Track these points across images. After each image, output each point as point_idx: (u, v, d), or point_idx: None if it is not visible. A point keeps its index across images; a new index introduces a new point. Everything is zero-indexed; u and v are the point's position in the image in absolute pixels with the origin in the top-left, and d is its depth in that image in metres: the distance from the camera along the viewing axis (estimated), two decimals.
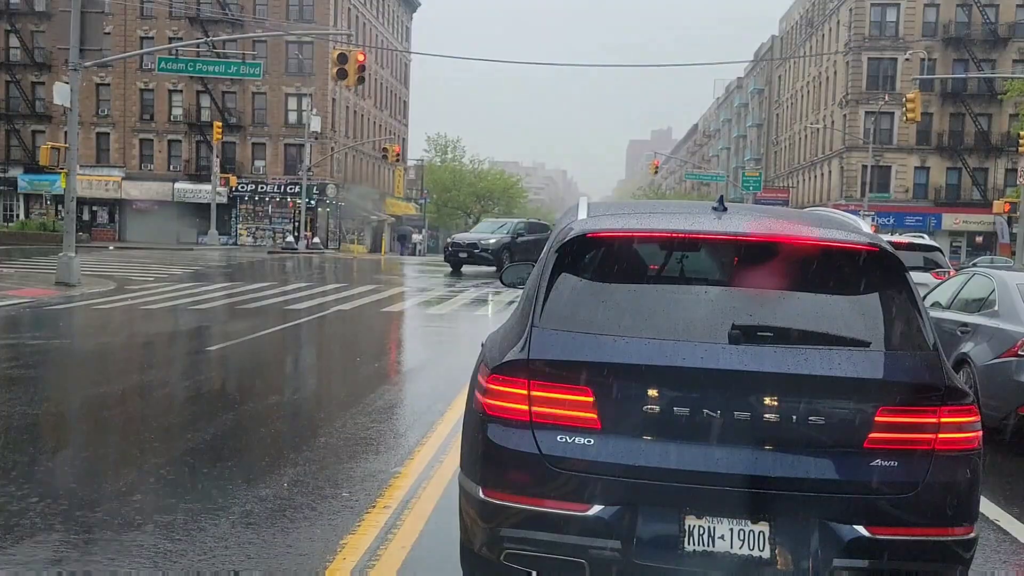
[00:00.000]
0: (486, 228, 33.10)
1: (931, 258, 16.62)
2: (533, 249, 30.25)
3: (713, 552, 3.22)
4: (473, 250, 30.18)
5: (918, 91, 37.55)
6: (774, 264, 3.56)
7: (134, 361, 11.98)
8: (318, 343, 14.80)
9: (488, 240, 30.32)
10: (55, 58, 53.06)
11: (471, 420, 3.63)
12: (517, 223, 33.13)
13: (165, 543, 4.78)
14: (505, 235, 30.81)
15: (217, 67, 34.72)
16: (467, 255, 30.25)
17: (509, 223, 33.30)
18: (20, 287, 20.38)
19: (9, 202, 62.02)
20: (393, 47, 74.05)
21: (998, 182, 57.78)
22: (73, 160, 22.47)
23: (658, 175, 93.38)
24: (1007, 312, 8.23)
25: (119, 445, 7.01)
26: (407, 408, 9.04)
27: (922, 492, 3.24)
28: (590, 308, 3.51)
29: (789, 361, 3.26)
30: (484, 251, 30.02)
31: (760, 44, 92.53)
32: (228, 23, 58.20)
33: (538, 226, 33.58)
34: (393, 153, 57.44)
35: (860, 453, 3.25)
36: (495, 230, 31.98)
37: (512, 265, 6.34)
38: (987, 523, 5.55)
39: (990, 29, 57.51)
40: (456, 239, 32.04)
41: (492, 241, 30.15)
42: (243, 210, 59.89)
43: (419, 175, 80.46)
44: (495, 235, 30.94)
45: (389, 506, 5.53)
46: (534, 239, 30.76)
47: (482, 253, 30.01)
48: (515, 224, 32.69)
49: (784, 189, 72.27)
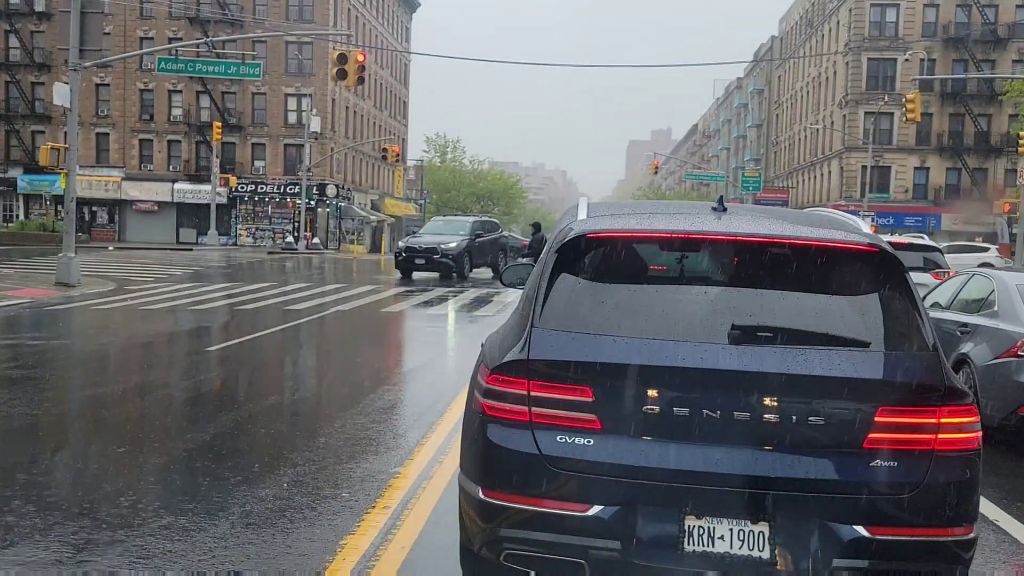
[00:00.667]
0: (442, 229, 28.71)
1: (931, 258, 16.62)
2: (488, 251, 28.66)
3: (713, 552, 3.22)
4: (432, 255, 26.30)
5: (918, 91, 37.54)
6: (774, 264, 3.56)
7: (134, 361, 11.98)
8: (318, 343, 14.80)
9: (449, 244, 26.61)
10: (55, 58, 53.14)
11: (471, 420, 3.63)
12: (475, 222, 29.58)
13: (165, 543, 4.78)
14: (465, 237, 27.46)
15: (217, 67, 34.73)
16: (425, 261, 26.45)
17: (466, 222, 29.56)
18: (20, 287, 20.38)
19: (9, 202, 62.01)
20: (393, 47, 74.06)
21: (998, 182, 57.77)
22: (73, 160, 22.47)
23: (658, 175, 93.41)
24: (1007, 312, 8.23)
25: (119, 445, 7.01)
26: (407, 408, 9.04)
27: (922, 492, 3.24)
28: (590, 308, 3.51)
29: (789, 361, 3.26)
30: (446, 256, 26.28)
31: (760, 44, 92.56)
32: (228, 23, 58.20)
33: (490, 224, 30.89)
34: (393, 153, 57.43)
35: (860, 453, 3.25)
36: (454, 232, 28.07)
37: (512, 265, 6.34)
38: (987, 523, 5.55)
39: (990, 29, 57.52)
40: (411, 244, 27.39)
41: (453, 245, 26.58)
42: (243, 210, 59.88)
43: (419, 175, 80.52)
44: (455, 238, 27.24)
45: (389, 507, 5.53)
46: (490, 240, 28.70)
47: (443, 259, 26.28)
48: (473, 224, 29.26)
49: (784, 189, 72.28)
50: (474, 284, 25.61)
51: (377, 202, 70.29)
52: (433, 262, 26.39)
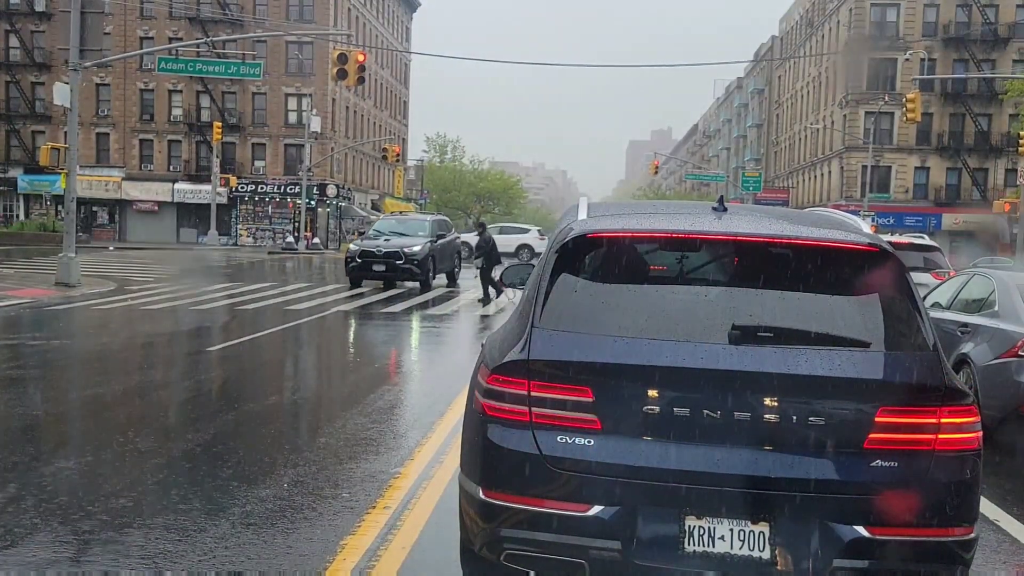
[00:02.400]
0: (399, 230, 24.57)
1: (931, 258, 16.61)
2: (447, 255, 25.41)
3: (713, 553, 3.22)
4: (395, 261, 22.44)
5: (918, 91, 37.53)
6: (774, 264, 3.56)
7: (134, 361, 11.98)
8: (318, 343, 14.80)
9: (412, 247, 22.78)
10: (55, 58, 53.12)
11: (471, 420, 3.63)
12: (434, 221, 25.72)
13: (165, 544, 4.78)
14: (427, 238, 23.73)
15: (217, 67, 34.73)
16: (386, 267, 22.48)
17: (424, 222, 25.65)
18: (20, 287, 20.38)
19: (9, 202, 62.01)
20: (393, 47, 74.06)
21: (998, 182, 57.77)
22: (73, 160, 22.47)
23: (658, 175, 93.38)
24: (1007, 312, 8.22)
25: (119, 445, 7.01)
26: (407, 408, 9.04)
27: (922, 492, 3.24)
28: (590, 308, 3.51)
29: (789, 361, 3.26)
30: (411, 262, 22.51)
31: (760, 44, 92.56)
32: (228, 23, 58.19)
33: (447, 224, 27.44)
34: (393, 153, 57.45)
35: (860, 453, 3.25)
36: (413, 232, 24.17)
37: (512, 265, 6.33)
38: (987, 523, 5.54)
39: (990, 29, 57.49)
40: (367, 247, 23.00)
41: (417, 249, 22.78)
42: (243, 210, 59.88)
43: (419, 175, 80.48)
44: (418, 240, 23.42)
45: (389, 507, 5.53)
46: (449, 240, 25.80)
47: (407, 266, 22.51)
48: (432, 223, 25.36)
49: (784, 189, 72.26)
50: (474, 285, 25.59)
51: (377, 202, 70.28)
52: (396, 268, 22.55)
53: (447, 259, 25.07)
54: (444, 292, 22.99)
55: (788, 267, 3.54)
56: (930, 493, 3.24)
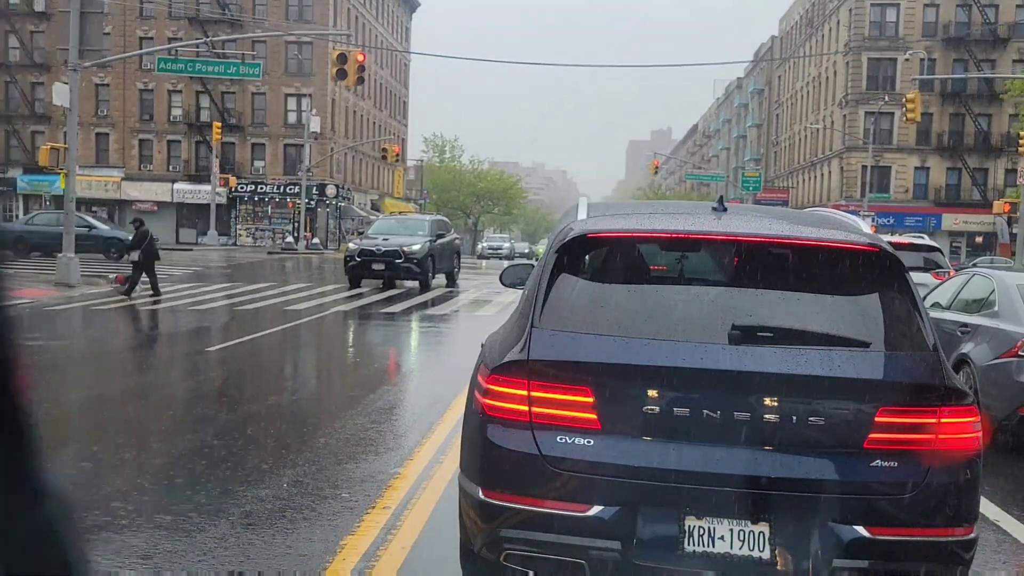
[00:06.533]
0: (398, 230, 24.57)
1: (931, 258, 16.62)
2: (446, 255, 25.50)
3: (713, 553, 3.22)
4: (395, 260, 22.36)
5: (918, 91, 37.53)
6: (774, 264, 3.56)
7: (134, 362, 11.98)
8: (318, 344, 14.80)
9: (412, 246, 22.71)
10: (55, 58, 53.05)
11: (471, 421, 3.63)
12: (433, 221, 25.84)
13: (165, 543, 4.77)
14: (427, 238, 23.65)
15: (217, 67, 34.73)
16: (385, 266, 22.41)
17: (423, 221, 25.88)
18: (20, 287, 20.36)
19: (8, 203, 61.94)
20: (393, 47, 74.04)
21: (998, 182, 57.77)
22: (72, 161, 22.46)
23: (658, 175, 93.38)
24: (1007, 313, 8.22)
25: (118, 446, 7.01)
26: (407, 409, 9.04)
27: (922, 493, 3.24)
28: (590, 308, 3.51)
29: (789, 361, 3.26)
30: (410, 261, 22.45)
31: (760, 44, 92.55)
32: (228, 23, 58.18)
33: (446, 224, 27.65)
34: (392, 153, 57.40)
35: (860, 454, 3.25)
36: (412, 232, 24.21)
37: (512, 265, 6.34)
38: (987, 523, 5.54)
39: (990, 29, 57.49)
40: (366, 246, 23.02)
41: (417, 248, 22.73)
42: (243, 211, 59.86)
43: (419, 175, 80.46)
44: (418, 239, 23.32)
45: (389, 507, 5.52)
46: (448, 240, 25.92)
47: (406, 264, 22.45)
48: (432, 223, 25.47)
49: (784, 189, 72.25)
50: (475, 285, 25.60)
51: (377, 202, 70.25)
52: (396, 268, 22.50)
53: (446, 259, 25.21)
54: (444, 292, 22.98)
55: (788, 267, 3.54)
56: (930, 493, 3.24)
